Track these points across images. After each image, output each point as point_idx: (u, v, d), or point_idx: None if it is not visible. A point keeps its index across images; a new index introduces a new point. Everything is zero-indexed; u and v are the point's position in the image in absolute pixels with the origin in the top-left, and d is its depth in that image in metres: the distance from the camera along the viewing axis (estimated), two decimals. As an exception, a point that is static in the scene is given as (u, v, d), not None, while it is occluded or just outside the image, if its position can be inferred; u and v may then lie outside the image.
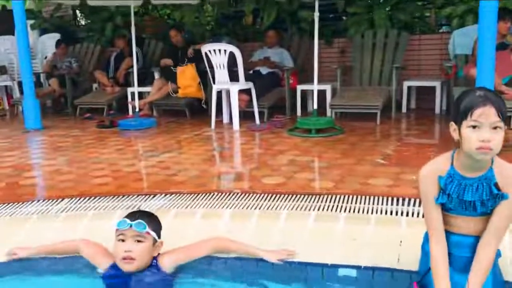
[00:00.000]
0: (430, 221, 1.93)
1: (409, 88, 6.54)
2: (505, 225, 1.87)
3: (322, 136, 5.14)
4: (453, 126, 1.80)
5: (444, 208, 1.93)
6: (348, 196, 3.09)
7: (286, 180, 3.55)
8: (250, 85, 6.03)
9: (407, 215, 2.66)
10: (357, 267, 2.20)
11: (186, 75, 6.77)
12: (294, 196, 3.14)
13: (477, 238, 1.89)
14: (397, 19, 6.84)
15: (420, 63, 6.93)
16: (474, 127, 1.71)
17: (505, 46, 5.53)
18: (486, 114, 1.69)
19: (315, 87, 5.40)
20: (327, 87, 6.41)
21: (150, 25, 9.04)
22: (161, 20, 9.62)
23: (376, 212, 2.77)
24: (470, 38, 5.68)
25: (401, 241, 2.33)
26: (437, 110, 6.29)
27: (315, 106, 5.41)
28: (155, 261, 2.24)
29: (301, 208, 2.90)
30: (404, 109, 6.55)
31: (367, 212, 2.78)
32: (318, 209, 2.86)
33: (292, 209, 2.89)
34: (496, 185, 1.83)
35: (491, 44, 4.03)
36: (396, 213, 2.71)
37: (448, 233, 1.94)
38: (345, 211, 2.82)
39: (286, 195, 3.15)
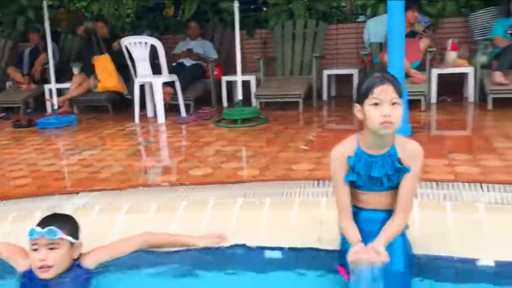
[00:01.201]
0: (339, 200, 2.07)
1: (329, 76, 6.79)
2: (410, 197, 2.03)
3: (248, 126, 5.23)
4: (357, 107, 1.95)
5: (355, 186, 2.07)
6: (273, 182, 3.19)
7: (214, 170, 3.59)
8: (174, 77, 5.98)
9: (327, 196, 2.80)
10: (282, 249, 2.28)
11: (104, 67, 6.50)
12: (222, 185, 3.19)
13: (387, 212, 2.04)
14: (315, 9, 7.07)
15: (338, 52, 7.21)
16: (375, 104, 1.86)
17: (414, 34, 5.91)
18: (385, 91, 1.85)
19: (239, 78, 5.46)
20: (251, 78, 6.51)
21: (66, 18, 8.63)
22: (78, 13, 9.22)
23: (299, 196, 2.90)
24: (383, 26, 5.96)
25: (320, 222, 2.45)
26: (354, 97, 6.58)
27: (240, 97, 5.48)
28: (77, 261, 2.18)
29: (228, 196, 2.96)
30: (325, 97, 6.79)
31: (291, 196, 2.90)
32: (245, 196, 2.93)
33: (219, 198, 2.94)
34: (399, 160, 1.98)
35: (400, 33, 4.29)
36: (317, 195, 2.84)
37: (360, 210, 2.08)
38: (269, 196, 2.91)
39: (214, 185, 3.20)
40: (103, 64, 6.47)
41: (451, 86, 6.17)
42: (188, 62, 6.76)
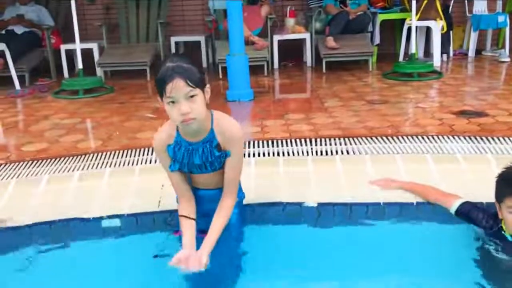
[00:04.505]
0: (173, 185, 2.03)
1: (177, 43, 6.72)
2: (234, 180, 2.01)
3: (91, 96, 4.98)
4: (159, 99, 1.82)
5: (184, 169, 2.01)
6: (115, 152, 3.12)
7: (50, 145, 3.37)
8: (2, 46, 5.38)
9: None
10: (120, 216, 2.26)
11: None
12: (58, 159, 3.02)
13: (220, 189, 2.03)
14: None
15: (185, 19, 7.16)
16: (172, 102, 1.75)
17: (255, 1, 6.12)
18: (176, 88, 1.72)
19: (78, 46, 5.13)
20: (94, 46, 6.14)
21: None
22: None
23: (141, 163, 2.88)
24: (226, -7, 6.09)
25: (162, 185, 2.47)
26: (204, 64, 6.65)
27: (80, 66, 5.16)
28: None
29: (65, 170, 2.83)
30: (174, 64, 6.73)
31: (133, 164, 2.87)
32: (83, 169, 2.82)
33: (54, 172, 2.79)
34: (218, 146, 1.93)
35: (238, 0, 4.41)
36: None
37: (196, 189, 2.08)
38: (110, 166, 2.84)
39: (49, 160, 3.01)
40: None
41: (292, 52, 6.56)
42: (19, 29, 6.12)
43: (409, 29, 5.58)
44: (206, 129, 1.92)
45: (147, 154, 3.02)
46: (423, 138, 3.07)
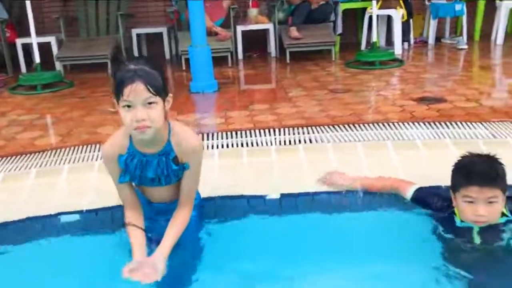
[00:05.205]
0: (122, 198, 1.89)
1: (138, 35, 6.59)
2: (193, 187, 1.90)
3: (50, 91, 4.83)
4: (114, 102, 1.68)
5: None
6: (75, 148, 3.04)
7: (7, 142, 3.27)
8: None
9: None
10: (80, 212, 2.21)
11: None
12: (14, 157, 2.92)
13: (175, 202, 1.91)
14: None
15: (148, 10, 7.01)
16: (128, 106, 1.62)
17: (217, -9, 6.06)
18: (135, 92, 1.59)
19: (34, 39, 4.95)
20: (52, 39, 5.96)
21: None
22: None
23: (101, 159, 2.81)
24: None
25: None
26: (167, 56, 6.56)
27: (38, 60, 4.99)
28: None
29: (21, 168, 2.74)
30: (136, 57, 6.61)
31: (92, 160, 2.80)
32: (40, 166, 2.74)
33: (10, 171, 2.70)
34: (175, 159, 1.79)
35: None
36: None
37: (150, 202, 1.97)
38: (69, 162, 2.77)
39: (5, 158, 2.91)
40: None
41: (256, 42, 6.54)
42: (-30, 23, 5.87)
43: (371, 18, 5.64)
44: (162, 140, 1.78)
45: (108, 149, 2.96)
46: (384, 125, 3.12)
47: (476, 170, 1.78)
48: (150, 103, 1.63)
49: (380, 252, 1.87)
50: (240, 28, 6.09)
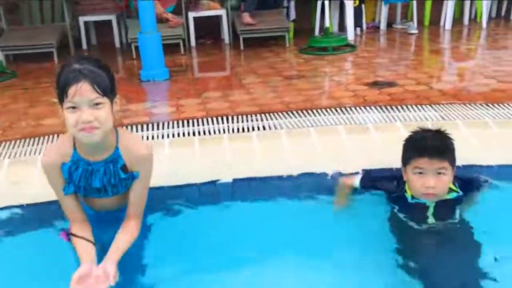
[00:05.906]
0: (65, 210, 1.76)
1: (86, 23, 6.34)
2: (142, 198, 1.79)
3: (-10, 83, 4.57)
4: (58, 103, 1.58)
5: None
6: (16, 141, 2.88)
7: None
8: None
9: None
10: (21, 206, 2.09)
11: None
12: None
13: (124, 210, 1.80)
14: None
15: (95, -3, 6.75)
16: (72, 107, 1.52)
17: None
18: (80, 93, 1.50)
19: (-29, 27, 4.66)
20: (-9, 28, 5.64)
21: None
22: None
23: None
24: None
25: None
26: (117, 44, 6.34)
27: (-24, 50, 4.72)
28: None
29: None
30: (84, 46, 6.34)
31: (35, 153, 2.66)
32: (-23, 162, 2.57)
33: None
34: (124, 167, 1.70)
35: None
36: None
37: (96, 212, 1.85)
38: (9, 157, 2.62)
39: None
40: None
41: (209, 29, 6.42)
42: None
43: (323, 3, 5.64)
44: (110, 146, 1.68)
45: (51, 142, 2.82)
46: (336, 110, 3.11)
47: (426, 142, 1.82)
48: (97, 104, 1.54)
49: (337, 237, 1.87)
50: (192, 15, 5.95)
